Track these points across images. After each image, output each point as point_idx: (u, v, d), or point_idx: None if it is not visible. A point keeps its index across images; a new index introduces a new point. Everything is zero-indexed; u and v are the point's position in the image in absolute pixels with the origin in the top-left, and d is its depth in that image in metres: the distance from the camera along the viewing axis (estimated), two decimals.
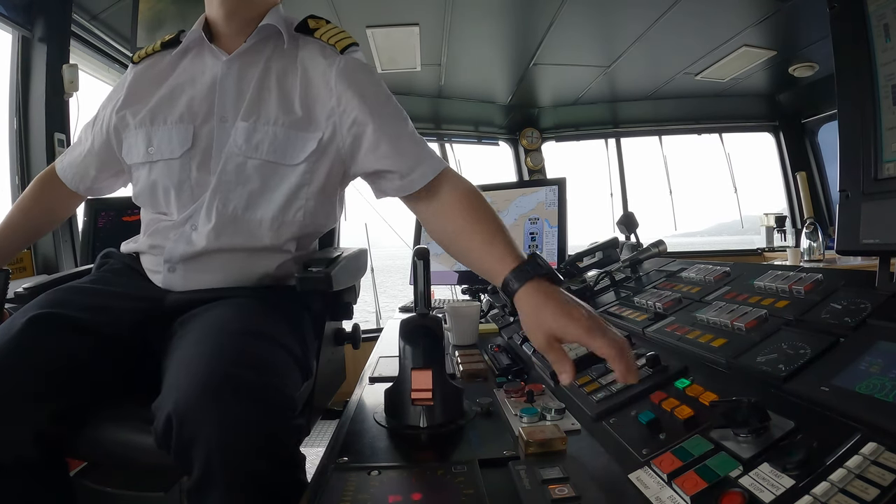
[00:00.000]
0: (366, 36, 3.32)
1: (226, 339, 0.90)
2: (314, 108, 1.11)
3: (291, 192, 1.11)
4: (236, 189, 1.09)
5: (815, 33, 3.48)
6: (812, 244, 3.67)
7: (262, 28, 1.12)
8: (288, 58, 1.14)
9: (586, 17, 3.24)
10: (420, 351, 0.84)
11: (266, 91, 1.11)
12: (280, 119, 1.09)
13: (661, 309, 1.12)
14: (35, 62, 2.31)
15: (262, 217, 1.10)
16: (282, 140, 1.09)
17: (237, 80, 1.12)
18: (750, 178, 5.85)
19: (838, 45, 0.91)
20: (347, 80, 1.10)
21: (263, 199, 1.10)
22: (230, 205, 1.09)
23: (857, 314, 0.77)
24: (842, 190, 0.89)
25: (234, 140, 1.09)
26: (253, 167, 1.09)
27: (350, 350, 1.60)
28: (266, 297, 1.10)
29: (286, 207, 1.11)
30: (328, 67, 1.11)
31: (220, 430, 0.76)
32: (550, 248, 1.89)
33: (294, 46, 1.16)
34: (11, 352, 0.91)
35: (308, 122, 1.10)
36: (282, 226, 1.12)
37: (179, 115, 1.12)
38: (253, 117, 1.09)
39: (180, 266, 1.11)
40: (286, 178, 1.10)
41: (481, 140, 5.00)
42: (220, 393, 0.78)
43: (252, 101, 1.10)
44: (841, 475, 0.49)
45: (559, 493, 0.59)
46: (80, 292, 1.10)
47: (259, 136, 1.09)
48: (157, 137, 1.12)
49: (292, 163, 1.10)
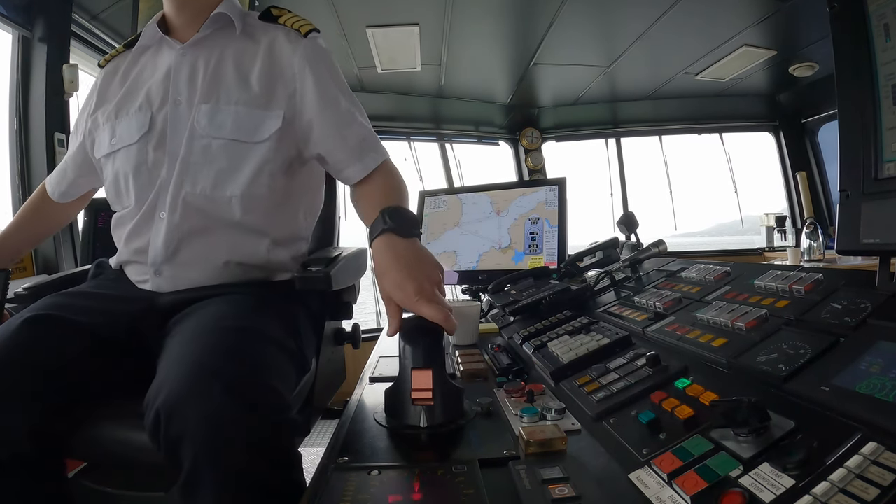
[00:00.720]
0: (366, 36, 3.32)
1: (215, 336, 0.90)
2: (276, 87, 1.14)
3: (258, 168, 1.13)
4: (203, 169, 1.11)
5: (815, 33, 3.48)
6: (812, 244, 3.68)
7: (215, 17, 1.16)
8: (246, 42, 1.18)
9: (586, 16, 3.24)
10: (420, 351, 0.84)
11: (224, 74, 1.14)
12: (241, 98, 1.12)
13: (662, 309, 1.12)
14: (35, 62, 2.31)
15: (231, 194, 1.12)
16: (244, 118, 1.12)
17: (191, 66, 1.15)
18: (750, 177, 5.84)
19: (838, 44, 0.90)
20: (308, 65, 1.15)
21: (231, 176, 1.12)
22: (198, 185, 1.11)
23: (858, 314, 0.77)
24: (842, 190, 0.89)
25: (198, 121, 1.11)
26: (219, 146, 1.11)
27: (350, 350, 1.60)
28: (259, 294, 1.11)
29: (253, 183, 1.13)
30: (292, 51, 1.16)
31: (207, 427, 0.76)
32: (551, 247, 1.89)
33: (256, 33, 1.20)
34: (8, 350, 0.92)
35: (269, 101, 1.14)
36: (252, 201, 1.13)
37: (139, 105, 1.16)
38: (213, 98, 1.12)
39: (165, 267, 1.12)
40: (252, 155, 1.13)
41: (481, 140, 5.01)
42: (208, 388, 0.78)
43: (209, 84, 1.13)
44: (841, 475, 0.49)
45: (559, 492, 0.59)
46: (75, 296, 1.12)
47: (222, 116, 1.11)
48: (120, 128, 1.17)
49: (256, 140, 1.12)
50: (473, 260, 2.05)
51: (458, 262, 2.08)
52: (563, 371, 1.00)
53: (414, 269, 0.89)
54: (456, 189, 2.48)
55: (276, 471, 0.82)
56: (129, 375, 1.05)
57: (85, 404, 0.98)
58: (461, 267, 2.06)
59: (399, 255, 0.91)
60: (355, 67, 3.83)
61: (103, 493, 1.10)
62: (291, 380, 1.02)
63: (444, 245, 2.13)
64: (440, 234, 2.16)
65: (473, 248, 2.07)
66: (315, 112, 1.15)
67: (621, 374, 0.89)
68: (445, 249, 2.12)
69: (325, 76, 1.17)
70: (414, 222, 0.97)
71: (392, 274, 0.88)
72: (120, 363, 1.06)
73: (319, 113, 1.15)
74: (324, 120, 1.15)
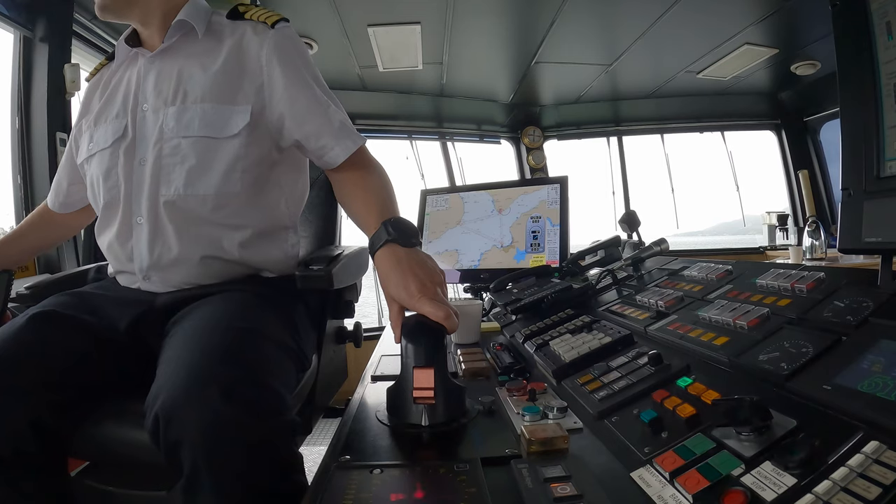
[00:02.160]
0: (367, 35, 3.32)
1: (212, 337, 0.90)
2: (242, 82, 1.15)
3: (230, 165, 1.13)
4: (175, 170, 1.12)
5: (817, 31, 3.47)
6: (814, 242, 3.67)
7: (177, 25, 1.17)
8: (212, 43, 1.19)
9: (588, 15, 3.23)
10: (422, 349, 0.84)
11: (189, 75, 1.15)
12: (207, 96, 1.13)
13: (663, 307, 1.12)
14: (36, 62, 2.31)
15: (204, 192, 1.12)
16: (211, 115, 1.12)
17: (158, 72, 1.17)
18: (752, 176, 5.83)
19: (840, 43, 0.90)
20: (276, 55, 1.15)
21: (204, 174, 1.12)
22: (172, 186, 1.12)
23: (860, 313, 0.76)
24: (844, 188, 0.89)
25: (166, 124, 1.13)
26: (188, 145, 1.12)
27: (352, 348, 1.60)
28: (256, 291, 1.12)
29: (227, 180, 1.13)
30: (260, 44, 1.16)
31: (205, 432, 0.76)
32: (552, 246, 1.89)
33: (224, 32, 1.20)
34: (14, 346, 0.93)
35: (236, 96, 1.14)
36: (227, 198, 1.14)
37: (116, 113, 1.18)
38: (179, 99, 1.13)
39: (153, 272, 1.14)
40: (222, 151, 1.13)
41: (483, 138, 5.00)
42: (206, 392, 0.78)
43: (175, 87, 1.14)
44: (843, 474, 0.49)
45: (561, 491, 0.59)
46: (81, 296, 1.15)
47: (189, 115, 1.12)
48: (97, 134, 1.19)
49: (225, 135, 1.13)
50: (475, 259, 2.05)
51: (459, 260, 2.08)
52: (565, 370, 1.00)
53: (416, 269, 0.91)
54: (458, 188, 2.48)
55: (277, 472, 0.83)
56: (132, 375, 1.05)
57: (89, 403, 0.98)
58: (463, 266, 2.06)
59: (401, 259, 0.93)
60: (357, 66, 3.83)
61: (105, 492, 1.10)
62: (291, 378, 1.03)
63: (446, 244, 2.13)
64: (442, 233, 2.16)
65: (475, 246, 2.07)
66: (286, 101, 1.15)
67: (623, 373, 0.89)
68: (447, 248, 2.12)
69: (294, 64, 1.17)
70: (414, 232, 1.00)
71: (395, 277, 0.90)
72: (123, 362, 1.06)
73: (292, 100, 1.15)
74: (298, 105, 1.15)
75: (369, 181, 1.16)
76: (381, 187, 1.16)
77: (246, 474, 0.78)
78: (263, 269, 1.20)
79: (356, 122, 4.40)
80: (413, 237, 0.98)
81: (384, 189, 1.15)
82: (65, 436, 0.94)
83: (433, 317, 0.85)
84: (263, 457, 0.81)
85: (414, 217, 2.22)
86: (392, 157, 4.94)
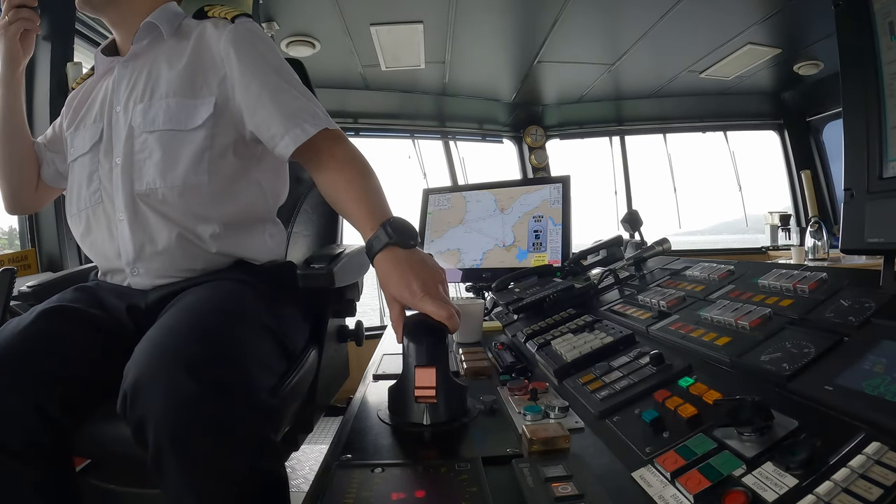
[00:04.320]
0: (370, 34, 3.32)
1: (184, 318, 0.91)
2: (206, 75, 1.16)
3: (196, 156, 1.13)
4: (145, 164, 1.13)
5: (820, 31, 3.46)
6: (816, 243, 3.66)
7: (144, 27, 1.19)
8: (178, 42, 1.20)
9: (590, 14, 3.23)
10: (423, 348, 0.84)
11: (156, 74, 1.17)
12: (171, 91, 1.14)
13: (665, 307, 1.12)
14: (39, 60, 2.31)
15: (172, 184, 1.12)
16: (175, 109, 1.13)
17: (129, 74, 1.19)
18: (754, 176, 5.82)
19: (843, 42, 0.90)
20: (233, 46, 1.16)
21: (171, 166, 1.13)
22: (144, 181, 1.13)
23: (862, 313, 0.76)
24: (846, 188, 0.88)
25: (134, 120, 1.15)
26: (154, 139, 1.13)
27: (354, 347, 1.60)
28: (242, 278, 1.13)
29: (194, 170, 1.13)
30: (219, 36, 1.17)
31: (168, 408, 0.76)
32: (555, 245, 1.89)
33: (189, 32, 1.22)
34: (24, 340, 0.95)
35: (198, 89, 1.15)
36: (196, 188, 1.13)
37: (93, 118, 1.21)
38: (146, 97, 1.15)
39: (139, 264, 1.14)
40: (187, 143, 1.13)
41: (485, 138, 5.00)
42: (171, 369, 0.78)
43: (143, 86, 1.16)
44: (844, 475, 0.49)
45: (562, 491, 0.59)
46: (84, 290, 1.16)
47: (154, 110, 1.14)
48: (76, 140, 1.22)
49: (189, 127, 1.13)
50: (477, 258, 2.05)
51: (461, 259, 2.08)
52: (567, 369, 1.00)
53: (417, 269, 0.91)
54: (460, 187, 2.48)
55: (246, 455, 0.81)
56: None
57: (97, 397, 0.99)
58: (465, 265, 2.06)
59: (401, 259, 0.93)
60: (359, 66, 3.83)
61: (107, 490, 1.10)
62: (271, 363, 1.02)
63: (448, 243, 2.13)
64: (444, 232, 2.16)
65: (477, 245, 2.07)
66: (241, 90, 1.14)
67: (625, 373, 0.89)
68: (449, 247, 2.12)
69: (250, 54, 1.16)
70: (413, 233, 0.99)
71: (396, 276, 0.91)
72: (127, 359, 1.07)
73: (245, 90, 1.14)
74: (250, 94, 1.14)
75: (352, 176, 1.09)
76: (366, 182, 1.09)
77: (211, 454, 0.77)
78: (246, 258, 1.21)
79: (358, 121, 4.41)
80: (412, 238, 0.97)
81: (370, 184, 1.09)
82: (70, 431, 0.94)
83: (436, 316, 0.85)
84: (231, 437, 0.79)
85: (412, 216, 2.22)
86: (394, 157, 4.95)
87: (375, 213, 1.02)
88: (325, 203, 1.16)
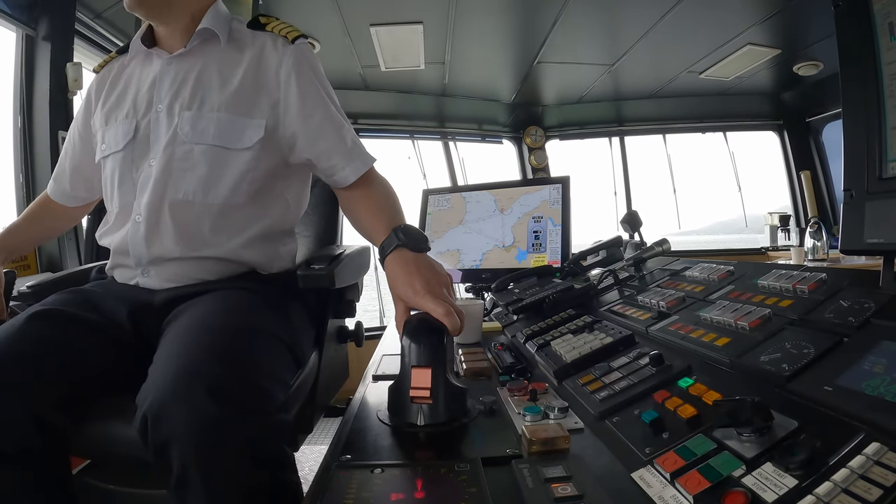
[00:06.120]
0: (370, 34, 3.32)
1: (202, 336, 0.91)
2: (259, 96, 1.15)
3: (240, 176, 1.14)
4: (186, 175, 1.12)
5: (819, 32, 3.47)
6: (816, 243, 3.66)
7: (200, 32, 1.17)
8: (232, 52, 1.19)
9: (590, 15, 3.23)
10: (420, 348, 0.84)
11: (207, 82, 1.16)
12: (224, 105, 1.13)
13: (665, 308, 1.12)
14: (39, 60, 2.32)
15: (212, 201, 1.13)
16: (226, 125, 1.13)
17: (175, 74, 1.17)
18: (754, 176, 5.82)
19: (843, 43, 0.90)
20: (294, 73, 1.16)
21: (214, 183, 1.13)
22: (181, 191, 1.12)
23: (861, 314, 0.76)
24: (846, 189, 0.88)
25: (181, 128, 1.13)
26: (200, 153, 1.12)
27: (353, 348, 1.60)
28: (253, 288, 1.12)
29: (235, 191, 1.14)
30: (279, 59, 1.17)
31: (192, 431, 0.76)
32: (554, 246, 1.89)
33: (244, 41, 1.21)
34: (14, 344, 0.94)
35: (252, 109, 1.15)
36: (233, 207, 1.15)
37: (126, 113, 1.19)
38: (196, 105, 1.14)
39: (151, 267, 1.14)
40: (234, 162, 1.14)
41: (485, 138, 5.00)
42: (192, 391, 0.78)
43: (192, 92, 1.15)
44: (844, 475, 0.49)
45: (562, 491, 0.59)
46: (81, 293, 1.15)
47: (204, 122, 1.13)
48: (108, 135, 1.19)
49: (239, 147, 1.14)
50: (477, 258, 2.05)
51: (461, 260, 2.08)
52: (567, 370, 1.00)
53: (423, 270, 0.94)
54: (460, 187, 2.48)
55: (266, 472, 0.82)
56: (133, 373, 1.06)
57: (91, 399, 0.98)
58: (465, 265, 2.06)
59: (409, 261, 0.96)
60: (359, 66, 3.83)
61: (107, 490, 1.10)
62: (285, 376, 1.02)
63: (448, 243, 2.13)
64: (444, 233, 2.16)
65: (477, 246, 2.07)
66: (301, 119, 1.16)
67: (624, 374, 0.89)
68: (449, 248, 2.12)
69: (311, 83, 1.18)
70: (424, 238, 1.02)
71: (402, 276, 0.93)
72: (124, 360, 1.07)
73: (305, 119, 1.16)
74: (312, 124, 1.16)
75: (375, 195, 1.19)
76: (387, 200, 1.18)
77: (234, 473, 0.78)
78: (260, 267, 1.21)
79: (358, 121, 4.41)
80: (422, 243, 1.01)
81: (390, 200, 1.19)
82: (66, 432, 0.94)
83: (433, 313, 0.86)
84: (252, 456, 0.80)
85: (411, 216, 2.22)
86: (394, 157, 4.95)
87: (389, 221, 1.07)
88: (325, 204, 1.17)
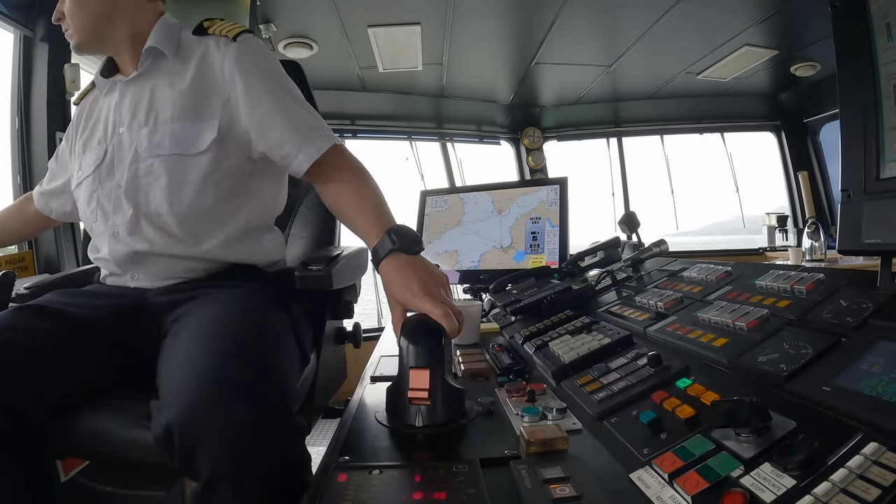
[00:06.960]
0: (367, 35, 3.32)
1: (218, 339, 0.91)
2: (209, 98, 1.16)
3: (202, 180, 1.15)
4: (151, 189, 1.14)
5: (816, 32, 3.48)
6: (814, 244, 3.67)
7: (147, 52, 1.19)
8: (180, 63, 1.20)
9: (588, 16, 3.24)
10: (418, 350, 0.84)
11: (160, 97, 1.17)
12: (176, 115, 1.15)
13: (663, 308, 1.12)
14: (37, 62, 2.31)
15: (178, 209, 1.14)
16: (180, 133, 1.14)
17: (132, 96, 1.19)
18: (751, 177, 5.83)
19: (840, 44, 0.90)
20: (238, 67, 1.16)
21: (177, 191, 1.14)
22: (150, 204, 1.14)
23: (859, 314, 0.76)
24: (843, 189, 0.89)
25: (140, 144, 1.15)
26: (160, 164, 1.14)
27: (351, 349, 1.60)
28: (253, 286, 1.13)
29: (200, 195, 1.15)
30: (222, 57, 1.17)
31: (224, 436, 0.76)
32: (552, 247, 1.89)
33: (190, 49, 1.21)
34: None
35: (203, 113, 1.15)
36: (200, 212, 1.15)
37: (98, 140, 1.22)
38: (151, 120, 1.16)
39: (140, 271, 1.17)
40: (193, 167, 1.14)
41: (483, 139, 5.00)
42: (223, 397, 0.78)
43: (147, 109, 1.17)
44: (842, 475, 0.49)
45: (560, 492, 0.59)
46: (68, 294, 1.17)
47: (159, 135, 1.14)
48: (84, 161, 1.23)
49: (194, 152, 1.14)
50: (475, 259, 2.05)
51: (459, 261, 2.07)
52: (565, 371, 1.00)
53: (420, 272, 0.94)
54: (457, 188, 2.48)
55: (290, 473, 0.83)
56: (129, 372, 1.06)
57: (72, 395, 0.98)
58: (462, 266, 2.06)
59: (405, 264, 0.95)
60: (357, 67, 3.83)
61: (104, 492, 1.10)
62: (295, 376, 1.04)
63: (446, 244, 2.13)
64: (442, 234, 2.16)
65: (475, 247, 2.07)
66: (248, 112, 1.15)
67: (622, 374, 0.89)
68: (447, 249, 2.12)
69: (256, 74, 1.17)
70: (417, 240, 1.01)
71: (399, 279, 0.93)
72: (117, 359, 1.07)
73: (253, 111, 1.15)
74: (259, 116, 1.15)
75: (354, 186, 1.14)
76: (369, 192, 1.13)
77: (263, 476, 0.79)
78: (247, 263, 1.22)
79: (356, 122, 4.40)
80: (416, 245, 1.00)
81: (373, 193, 1.13)
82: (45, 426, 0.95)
83: (431, 314, 0.86)
84: (279, 458, 0.81)
85: (409, 217, 2.22)
86: (392, 158, 4.95)
87: (380, 222, 1.05)
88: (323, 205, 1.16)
